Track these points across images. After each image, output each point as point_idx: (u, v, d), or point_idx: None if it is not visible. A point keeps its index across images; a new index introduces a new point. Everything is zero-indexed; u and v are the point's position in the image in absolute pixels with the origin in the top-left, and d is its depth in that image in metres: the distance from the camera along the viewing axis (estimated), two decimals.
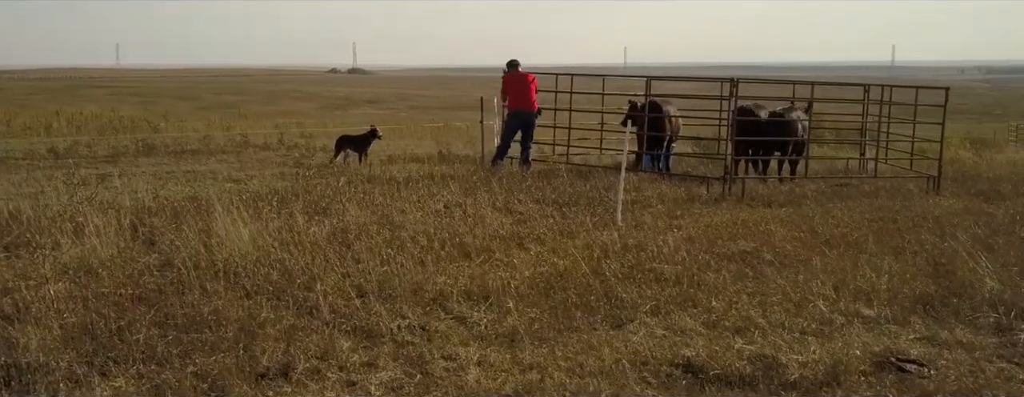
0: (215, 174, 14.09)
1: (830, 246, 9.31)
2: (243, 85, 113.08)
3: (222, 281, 7.03)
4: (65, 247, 7.88)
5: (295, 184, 12.66)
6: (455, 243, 8.66)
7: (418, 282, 7.30)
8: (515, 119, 15.35)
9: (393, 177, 13.50)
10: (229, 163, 15.76)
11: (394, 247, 8.41)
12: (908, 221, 10.95)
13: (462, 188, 12.04)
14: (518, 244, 9.04)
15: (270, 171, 14.69)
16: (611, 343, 6.08)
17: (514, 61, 15.82)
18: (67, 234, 8.25)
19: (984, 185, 14.81)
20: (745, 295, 7.35)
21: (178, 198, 11.03)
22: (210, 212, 9.19)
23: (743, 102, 15.92)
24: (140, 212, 9.57)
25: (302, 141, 20.24)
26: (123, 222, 8.69)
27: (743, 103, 15.98)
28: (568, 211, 11.11)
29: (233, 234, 8.05)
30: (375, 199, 11.02)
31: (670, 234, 9.79)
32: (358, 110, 75.75)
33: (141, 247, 8.23)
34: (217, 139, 19.36)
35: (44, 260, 7.06)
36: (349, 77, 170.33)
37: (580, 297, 7.09)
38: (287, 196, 11.00)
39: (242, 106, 69.03)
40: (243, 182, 13.24)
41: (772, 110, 15.59)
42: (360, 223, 9.58)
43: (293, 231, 8.76)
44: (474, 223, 9.82)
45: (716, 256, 8.72)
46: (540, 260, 8.38)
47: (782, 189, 14.06)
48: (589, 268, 7.96)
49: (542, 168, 15.44)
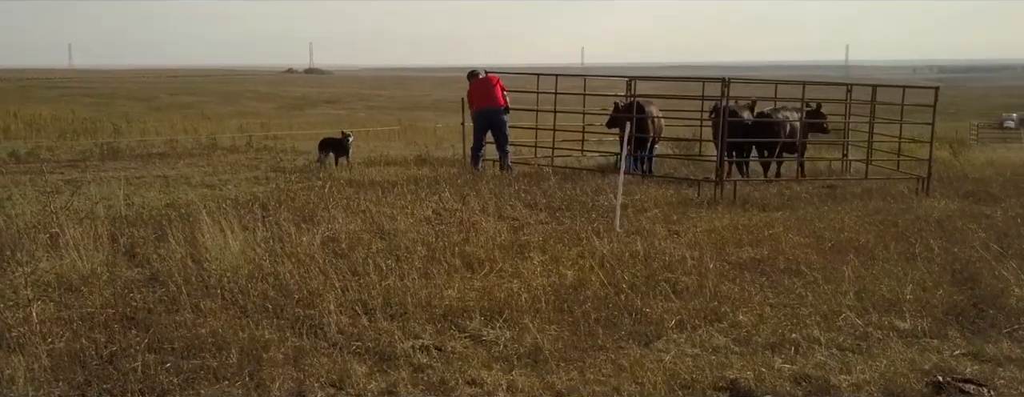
0: (187, 179, 13.51)
1: (839, 252, 9.01)
2: (199, 85, 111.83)
3: (216, 298, 6.52)
4: (41, 261, 7.33)
5: (275, 189, 12.12)
6: (455, 253, 8.20)
7: (425, 297, 6.83)
8: (481, 119, 14.99)
9: (375, 181, 13.02)
10: (199, 167, 15.17)
11: (392, 258, 7.95)
12: (910, 224, 10.65)
13: (450, 193, 11.59)
14: (519, 253, 8.60)
15: (243, 175, 14.13)
16: (643, 363, 5.67)
17: (474, 71, 15.52)
18: (42, 246, 7.70)
19: (971, 186, 14.61)
20: (769, 307, 7.00)
21: (155, 206, 10.49)
22: (192, 221, 8.67)
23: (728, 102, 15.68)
24: (117, 221, 9.00)
25: (270, 143, 19.63)
26: (100, 233, 8.13)
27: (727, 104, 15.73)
28: (562, 216, 10.72)
29: (222, 246, 7.53)
30: (361, 205, 10.54)
31: (672, 240, 9.45)
32: (316, 110, 75.21)
33: (123, 260, 7.68)
34: (184, 142, 18.71)
35: (24, 279, 6.49)
36: (306, 77, 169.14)
37: (598, 311, 6.68)
38: (269, 203, 10.46)
39: (199, 107, 68.17)
40: (218, 187, 12.69)
41: (762, 110, 15.28)
42: (350, 231, 9.10)
43: (283, 241, 8.27)
44: (470, 230, 9.38)
45: (728, 264, 8.36)
46: (546, 270, 7.96)
47: (771, 191, 13.75)
48: (601, 279, 7.56)
49: (525, 171, 15.02)
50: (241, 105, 76.07)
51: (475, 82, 15.15)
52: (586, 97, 16.58)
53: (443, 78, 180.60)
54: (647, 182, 14.13)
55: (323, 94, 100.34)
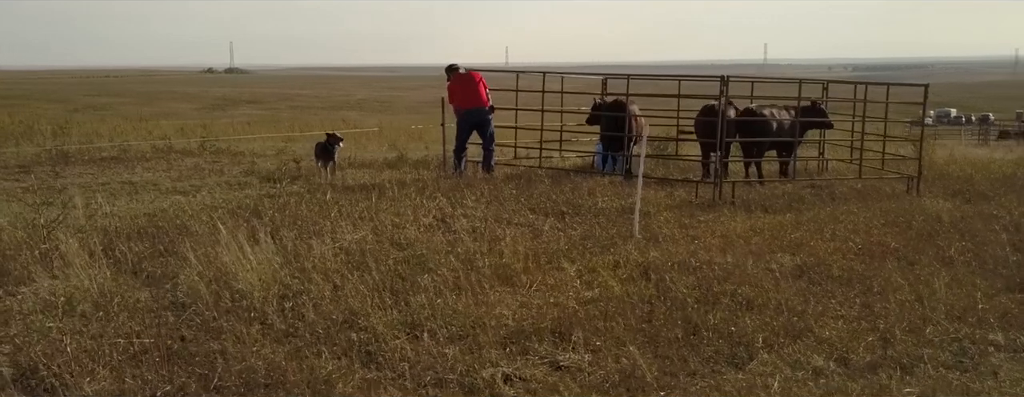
0: (156, 185, 12.62)
1: (874, 257, 8.62)
2: (116, 86, 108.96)
3: (253, 323, 5.82)
4: (42, 280, 6.52)
5: (258, 196, 11.36)
6: (487, 264, 7.58)
7: (477, 317, 6.21)
8: (467, 119, 14.24)
9: (361, 185, 12.33)
10: (161, 172, 14.23)
11: (421, 271, 7.30)
12: (924, 226, 10.31)
13: (446, 197, 10.95)
14: (548, 263, 8.01)
15: (212, 180, 13.27)
16: (752, 392, 5.13)
17: (454, 65, 14.75)
18: (34, 261, 6.89)
19: (956, 184, 14.39)
20: (842, 321, 6.52)
21: (135, 215, 9.66)
22: (192, 233, 7.93)
23: (712, 102, 15.27)
24: (109, 234, 8.17)
25: (221, 145, 18.65)
26: (94, 247, 7.33)
27: (711, 103, 15.32)
28: (572, 221, 10.15)
29: (239, 261, 6.79)
30: (358, 212, 9.86)
31: (696, 245, 8.96)
32: (238, 110, 73.67)
33: (129, 279, 6.89)
34: (137, 145, 17.66)
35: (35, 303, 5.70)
36: (226, 77, 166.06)
37: (670, 329, 6.13)
38: (263, 211, 9.71)
39: (117, 108, 66.12)
40: (191, 194, 11.85)
41: (749, 108, 14.85)
42: (359, 241, 8.44)
43: (300, 255, 7.57)
44: (488, 239, 8.77)
45: (772, 272, 7.88)
46: (587, 282, 7.40)
47: (764, 192, 13.35)
48: (652, 291, 7.03)
49: (509, 172, 14.42)
50: (161, 106, 74.15)
51: (456, 78, 14.42)
52: (564, 96, 16.00)
53: (367, 77, 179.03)
54: (631, 183, 13.58)
55: (244, 94, 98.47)
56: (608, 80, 16.47)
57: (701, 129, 14.89)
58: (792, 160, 15.09)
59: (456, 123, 14.46)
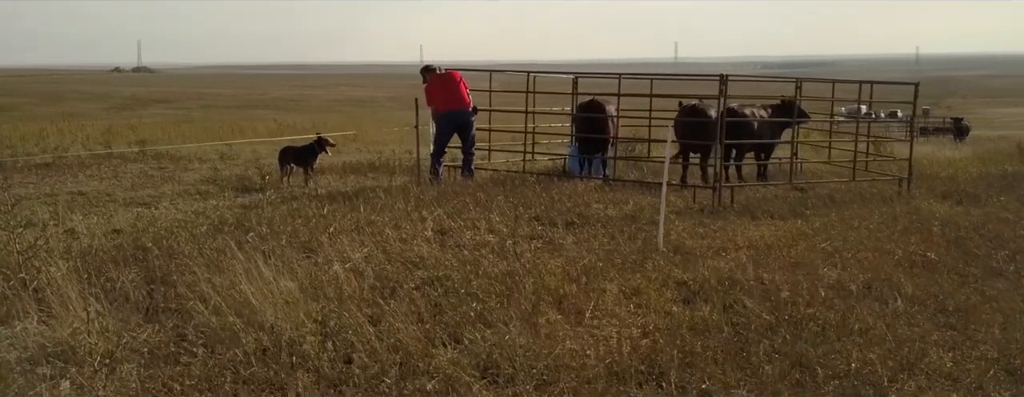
0: (110, 195, 11.47)
1: (921, 268, 8.09)
2: (17, 86, 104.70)
3: (308, 371, 4.90)
4: (30, 320, 5.49)
5: (223, 206, 10.34)
6: (530, 288, 6.75)
7: (552, 355, 5.37)
8: (449, 121, 13.34)
9: (342, 193, 11.40)
10: (108, 180, 13.03)
11: (455, 298, 6.45)
12: (947, 232, 9.81)
13: (437, 206, 10.09)
14: (588, 282, 7.20)
15: (168, 189, 12.17)
16: None
17: (430, 65, 13.86)
18: (16, 295, 5.86)
19: (942, 186, 14.00)
20: (948, 349, 5.84)
21: (101, 232, 8.60)
22: (183, 256, 6.93)
23: (693, 102, 14.65)
24: (87, 258, 7.11)
25: (162, 150, 17.41)
26: (80, 276, 6.30)
27: (690, 102, 14.70)
28: (584, 232, 9.38)
29: (262, 290, 5.85)
30: (351, 224, 8.95)
31: (726, 258, 8.28)
32: (147, 110, 71.56)
33: (129, 315, 5.88)
34: (74, 150, 16.35)
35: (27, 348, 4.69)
36: (135, 76, 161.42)
37: (771, 363, 5.39)
38: (251, 226, 8.72)
39: (20, 108, 63.26)
40: (152, 205, 10.78)
41: (730, 107, 14.21)
42: (368, 259, 7.54)
43: (313, 279, 6.64)
44: (503, 255, 7.95)
45: (830, 290, 7.19)
46: (641, 305, 6.63)
47: (755, 195, 12.75)
48: (722, 316, 6.30)
49: (488, 177, 13.58)
50: (66, 106, 71.41)
51: (433, 79, 13.51)
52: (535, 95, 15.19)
53: (278, 76, 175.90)
54: (624, 188, 12.86)
55: (154, 93, 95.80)
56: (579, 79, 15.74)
57: (684, 130, 14.20)
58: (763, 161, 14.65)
59: (435, 126, 13.55)
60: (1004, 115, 76.98)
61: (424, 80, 13.65)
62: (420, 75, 13.81)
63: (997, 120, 69.24)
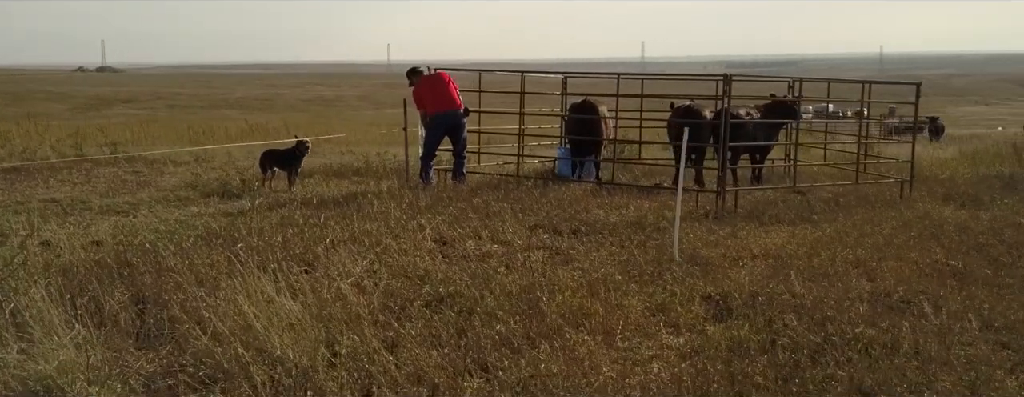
0: (84, 202, 10.85)
1: (953, 279, 7.67)
2: None
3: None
4: (9, 352, 4.92)
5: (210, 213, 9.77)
6: (555, 308, 6.25)
7: (596, 387, 4.88)
8: (440, 123, 12.78)
9: (330, 199, 10.85)
10: (81, 186, 12.40)
11: (473, 316, 5.95)
12: (966, 239, 9.43)
13: (431, 210, 9.60)
14: (608, 297, 6.72)
15: (145, 195, 11.57)
16: None
17: (417, 68, 13.30)
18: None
19: (941, 188, 13.65)
20: (1000, 371, 5.42)
21: (79, 244, 8.00)
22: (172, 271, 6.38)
23: (686, 102, 14.21)
24: (68, 274, 6.53)
25: (138, 153, 16.75)
26: (61, 295, 5.73)
27: (683, 103, 14.26)
28: (591, 241, 8.91)
29: (267, 312, 5.31)
30: (342, 233, 8.42)
31: (746, 268, 7.84)
32: (112, 110, 70.36)
33: (118, 340, 5.32)
34: (42, 153, 15.65)
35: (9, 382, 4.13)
36: (99, 76, 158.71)
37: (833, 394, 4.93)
38: (230, 235, 8.17)
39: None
40: (130, 213, 10.20)
41: None
42: (368, 272, 7.03)
43: (318, 296, 6.11)
44: (513, 267, 7.46)
45: (864, 304, 6.76)
46: (671, 325, 6.18)
47: (756, 199, 12.31)
48: (764, 337, 5.84)
49: (480, 181, 13.08)
50: (30, 106, 69.64)
51: (423, 81, 12.94)
52: None
53: (245, 75, 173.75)
54: (620, 192, 12.39)
55: (119, 93, 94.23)
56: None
57: (678, 132, 13.74)
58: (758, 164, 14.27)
59: (425, 129, 13.00)
60: (969, 114, 77.33)
61: (411, 83, 13.10)
62: (406, 78, 13.25)
63: (962, 118, 69.43)
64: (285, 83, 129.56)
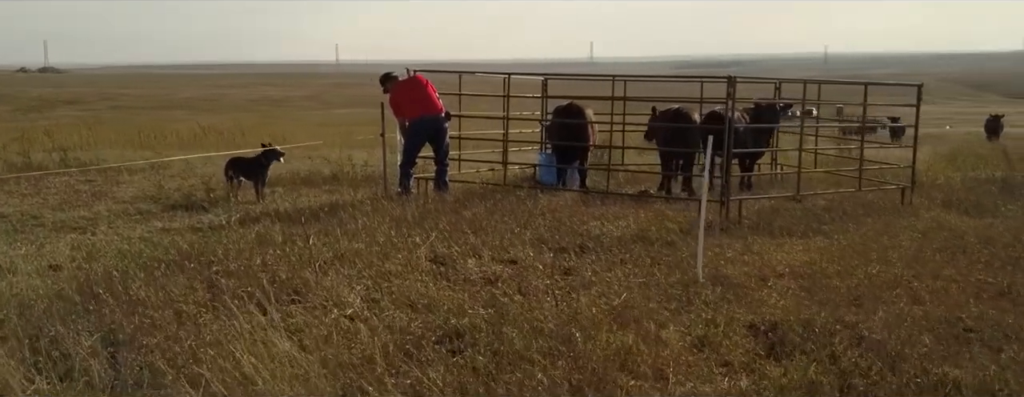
0: (36, 217, 9.87)
1: (996, 298, 7.12)
2: None
3: None
4: None
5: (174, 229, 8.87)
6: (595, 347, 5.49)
7: None
8: (420, 128, 11.94)
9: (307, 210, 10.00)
10: (31, 197, 11.37)
11: (499, 357, 5.17)
12: (997, 252, 8.86)
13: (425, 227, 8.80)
14: (639, 328, 5.97)
15: (103, 208, 10.61)
16: None
17: (390, 74, 12.47)
18: None
19: (940, 194, 13.14)
20: None
21: (35, 270, 7.09)
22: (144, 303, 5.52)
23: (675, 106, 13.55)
24: (23, 312, 5.62)
25: (89, 159, 15.70)
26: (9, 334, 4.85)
27: (672, 106, 13.60)
28: (601, 259, 8.16)
29: (262, 356, 4.48)
30: (327, 254, 7.60)
31: (779, 291, 7.15)
32: (55, 112, 68.61)
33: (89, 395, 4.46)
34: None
35: None
36: (41, 77, 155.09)
37: None
38: (204, 256, 7.31)
39: None
40: (88, 231, 9.24)
41: (714, 111, 13.10)
42: (367, 304, 6.22)
43: (315, 335, 5.29)
44: (527, 293, 6.70)
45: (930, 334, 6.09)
46: (721, 362, 5.44)
47: (757, 208, 11.64)
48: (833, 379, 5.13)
49: (465, 189, 12.28)
50: None
51: (398, 86, 12.07)
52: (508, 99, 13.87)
53: (191, 76, 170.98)
54: (611, 201, 11.66)
55: (62, 94, 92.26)
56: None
57: (669, 137, 13.06)
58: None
59: (404, 136, 12.14)
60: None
61: (384, 90, 12.24)
62: (380, 84, 12.39)
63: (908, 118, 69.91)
64: (231, 83, 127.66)
